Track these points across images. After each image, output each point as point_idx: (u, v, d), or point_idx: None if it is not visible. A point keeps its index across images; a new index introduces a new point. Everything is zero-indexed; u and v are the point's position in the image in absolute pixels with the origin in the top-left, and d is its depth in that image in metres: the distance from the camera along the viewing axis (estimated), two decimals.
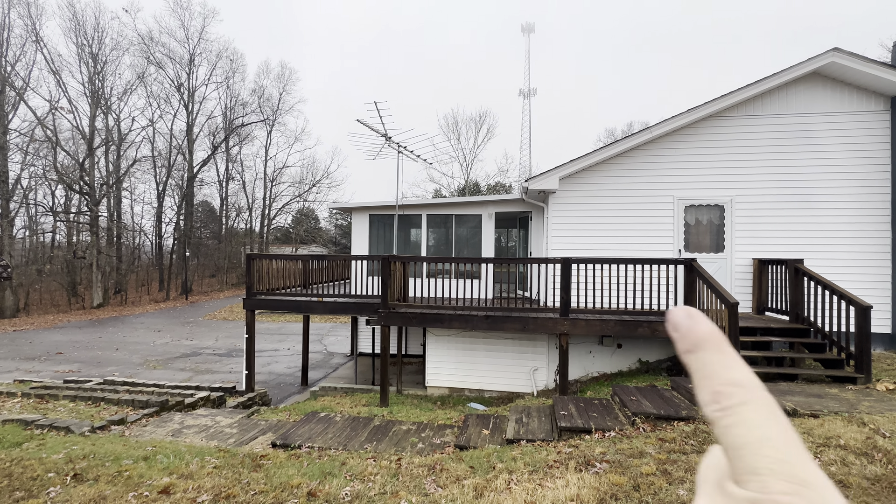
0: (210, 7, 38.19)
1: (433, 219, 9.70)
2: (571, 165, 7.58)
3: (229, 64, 37.65)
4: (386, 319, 7.18)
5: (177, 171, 37.67)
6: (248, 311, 9.05)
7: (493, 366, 8.16)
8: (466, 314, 6.99)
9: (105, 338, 17.91)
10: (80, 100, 29.96)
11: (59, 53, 29.26)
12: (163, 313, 25.67)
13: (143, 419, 6.28)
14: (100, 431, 5.63)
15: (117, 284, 32.94)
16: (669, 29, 77.04)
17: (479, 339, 8.16)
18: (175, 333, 18.82)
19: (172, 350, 15.58)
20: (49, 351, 15.25)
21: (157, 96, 34.98)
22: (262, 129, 43.24)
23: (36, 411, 6.54)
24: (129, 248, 37.14)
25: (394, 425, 5.76)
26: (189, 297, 32.55)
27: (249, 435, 5.72)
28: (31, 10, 27.13)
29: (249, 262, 8.94)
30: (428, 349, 8.38)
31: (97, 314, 25.78)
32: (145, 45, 33.12)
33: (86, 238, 31.98)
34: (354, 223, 10.09)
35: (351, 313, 8.54)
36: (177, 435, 5.73)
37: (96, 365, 13.41)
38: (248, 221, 46.83)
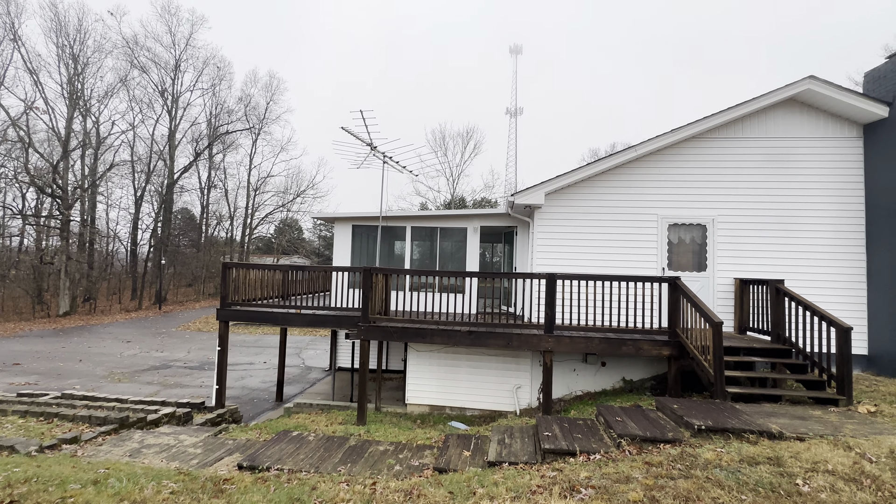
0: (199, 14, 37.98)
1: (418, 231, 9.55)
2: (557, 181, 7.57)
3: (216, 71, 37.34)
4: (366, 333, 6.93)
5: (156, 177, 36.74)
6: (222, 323, 8.66)
7: (475, 383, 7.95)
8: (449, 329, 6.80)
9: (69, 348, 16.99)
10: (58, 101, 29.15)
11: (38, 53, 28.55)
12: (134, 323, 24.63)
13: (99, 437, 5.84)
14: (49, 451, 5.19)
15: (87, 292, 31.55)
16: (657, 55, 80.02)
17: (462, 356, 7.96)
18: (145, 345, 18.00)
19: (140, 362, 14.84)
20: (5, 361, 14.34)
21: (140, 100, 34.32)
22: (248, 137, 42.76)
23: None
24: (101, 255, 35.80)
25: (370, 445, 5.48)
26: (163, 306, 31.40)
27: (214, 455, 5.35)
28: (9, 7, 26.47)
29: (225, 271, 8.60)
30: (409, 365, 8.13)
31: (63, 323, 24.56)
32: (130, 49, 32.59)
33: (55, 243, 30.69)
34: (337, 234, 9.86)
35: (330, 326, 8.26)
36: (135, 455, 5.32)
37: (56, 377, 12.64)
38: (229, 230, 45.86)
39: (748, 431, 4.20)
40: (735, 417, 4.51)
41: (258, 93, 41.72)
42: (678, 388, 6.29)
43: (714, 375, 5.25)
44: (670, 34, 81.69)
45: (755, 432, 4.18)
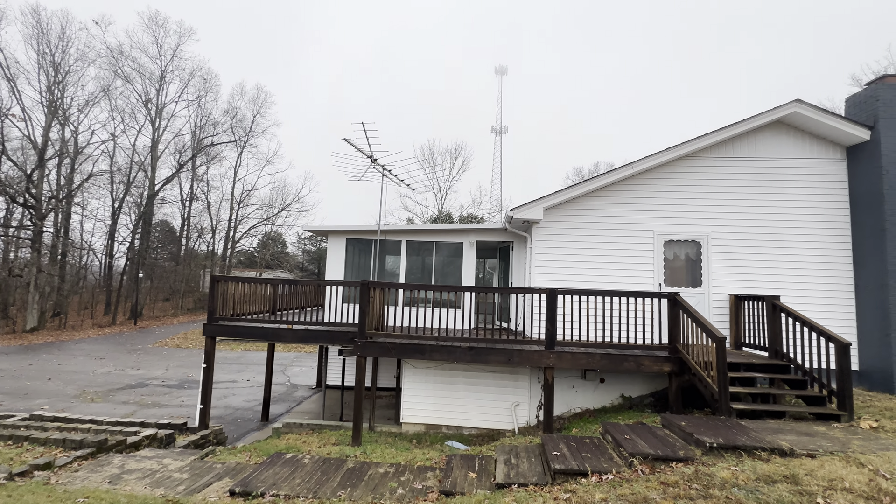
0: (187, 26, 37.66)
1: (413, 246, 9.44)
2: (556, 196, 7.62)
3: (203, 83, 37.02)
4: (363, 350, 6.72)
5: (136, 189, 35.81)
6: (209, 339, 8.31)
7: (472, 401, 7.77)
8: (448, 345, 6.66)
9: (36, 366, 16.06)
10: (35, 109, 28.30)
11: (17, 60, 27.79)
12: (107, 339, 23.55)
13: (74, 462, 5.43)
14: (19, 478, 4.79)
15: (57, 306, 30.11)
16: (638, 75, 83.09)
17: (459, 373, 7.79)
18: (119, 362, 17.16)
19: (115, 380, 14.10)
20: None
21: (122, 110, 33.61)
22: (233, 149, 42.22)
23: None
24: (74, 268, 34.33)
25: (370, 468, 5.24)
26: (139, 321, 30.19)
27: (203, 481, 5.03)
28: None
29: (213, 285, 8.29)
30: (404, 383, 7.91)
31: (30, 339, 23.30)
32: (114, 59, 32.09)
33: (25, 255, 29.36)
34: (330, 247, 9.66)
35: (322, 342, 8.00)
36: (115, 481, 4.95)
37: (22, 397, 11.88)
38: (211, 243, 44.78)
39: (759, 448, 4.16)
40: (744, 434, 4.48)
41: (245, 105, 41.40)
42: (679, 404, 6.26)
43: (718, 392, 5.23)
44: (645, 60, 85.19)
45: (766, 449, 4.14)
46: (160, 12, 33.71)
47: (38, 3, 27.33)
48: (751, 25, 77.22)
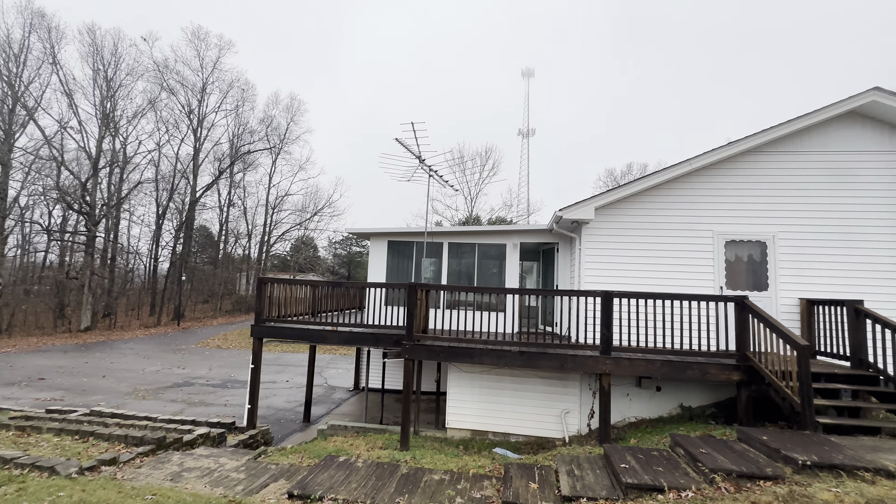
0: (227, 39, 39.35)
1: (454, 248, 9.32)
2: (608, 195, 7.32)
3: (241, 93, 38.46)
4: (411, 352, 6.62)
5: (178, 195, 37.53)
6: (256, 339, 8.44)
7: (519, 407, 7.54)
8: (498, 349, 6.47)
9: (91, 363, 16.92)
10: (90, 122, 30.12)
11: (74, 77, 29.69)
12: (153, 339, 24.62)
13: (137, 458, 5.56)
14: (89, 473, 4.92)
15: (107, 308, 31.83)
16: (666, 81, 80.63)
17: (506, 378, 7.57)
18: (166, 361, 17.86)
19: (163, 379, 14.65)
20: (30, 376, 14.28)
21: (167, 121, 35.35)
22: (268, 157, 43.65)
23: (16, 446, 5.81)
24: (122, 271, 36.25)
25: (424, 474, 5.11)
26: (181, 322, 31.45)
27: (260, 481, 5.03)
28: (51, 34, 27.73)
29: (260, 287, 8.43)
30: (449, 387, 7.76)
31: (84, 338, 24.66)
32: (160, 73, 33.79)
33: (79, 259, 31.19)
34: (372, 249, 9.67)
35: (366, 344, 7.97)
36: (176, 479, 5.02)
37: (81, 393, 12.49)
38: (247, 248, 46.34)
39: (860, 469, 3.75)
40: (839, 452, 4.07)
41: (279, 114, 42.73)
42: (750, 416, 5.83)
43: (801, 404, 4.81)
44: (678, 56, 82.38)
45: (869, 469, 3.74)
46: (202, 27, 35.41)
47: (93, 22, 29.12)
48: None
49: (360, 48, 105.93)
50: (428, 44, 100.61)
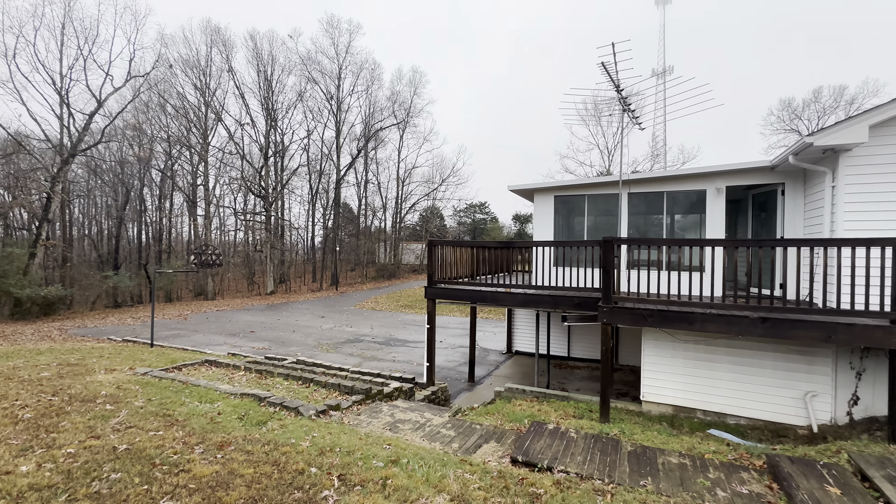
0: (355, 23, 41.62)
1: (637, 200, 8.05)
2: (889, 109, 5.24)
3: (370, 73, 40.56)
4: (609, 317, 5.85)
5: (324, 176, 42.21)
6: (430, 301, 8.62)
7: (741, 384, 6.24)
8: (728, 314, 5.26)
9: (282, 321, 20.24)
10: (258, 118, 35.26)
11: (241, 82, 34.83)
12: (320, 301, 28.52)
13: (353, 406, 6.04)
14: (322, 416, 5.44)
15: (281, 275, 38.10)
16: None
17: (721, 349, 6.31)
18: (335, 320, 20.40)
19: (337, 335, 16.68)
20: (244, 329, 17.64)
21: (312, 110, 39.43)
22: (396, 132, 45.95)
23: (259, 386, 6.84)
24: (289, 245, 42.78)
25: (656, 455, 4.40)
26: (338, 288, 35.89)
27: (472, 441, 4.95)
28: (225, 46, 32.70)
29: (431, 249, 8.49)
30: (645, 356, 6.82)
31: (271, 300, 29.84)
32: (304, 65, 37.53)
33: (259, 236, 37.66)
34: (537, 207, 8.99)
35: (544, 307, 7.45)
36: (394, 429, 5.25)
37: (281, 344, 14.89)
38: (382, 220, 50.38)
39: None
40: None
41: (404, 89, 44.15)
42: None
43: None
44: None
45: None
46: (334, 15, 37.77)
47: (253, 28, 33.32)
48: None
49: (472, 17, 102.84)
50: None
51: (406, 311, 23.70)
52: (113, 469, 3.26)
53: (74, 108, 25.98)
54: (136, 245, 37.14)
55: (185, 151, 35.41)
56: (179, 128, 33.47)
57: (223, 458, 3.54)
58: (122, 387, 5.99)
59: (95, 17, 31.49)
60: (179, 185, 37.01)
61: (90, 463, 3.36)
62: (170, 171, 35.74)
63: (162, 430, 4.24)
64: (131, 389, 5.87)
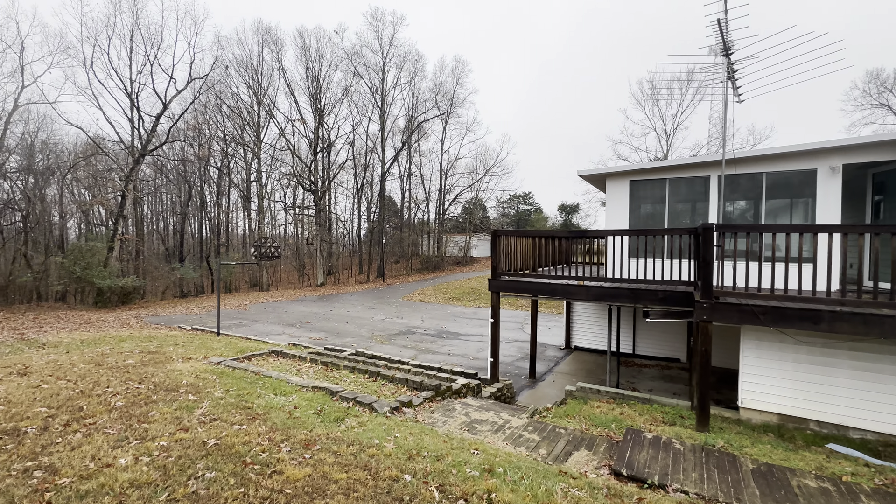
0: (399, 14, 41.60)
1: (731, 182, 7.18)
2: None
3: (414, 65, 40.39)
4: (711, 314, 5.20)
5: (369, 170, 42.79)
6: (494, 294, 8.24)
7: (866, 392, 5.38)
8: (865, 313, 4.48)
9: (334, 311, 20.67)
10: (307, 114, 36.16)
11: (291, 80, 35.79)
12: (368, 293, 28.99)
13: (425, 403, 5.81)
14: (396, 413, 5.24)
15: (329, 268, 39.19)
16: None
17: (842, 351, 5.47)
18: (385, 312, 20.56)
19: (389, 327, 16.74)
20: (300, 320, 18.15)
21: (357, 104, 39.92)
22: (439, 123, 45.64)
23: (327, 379, 6.78)
24: (338, 237, 43.89)
25: (787, 475, 3.79)
26: (385, 280, 36.39)
27: (560, 447, 4.54)
28: (276, 45, 33.65)
29: (496, 240, 8.08)
30: (745, 357, 6.07)
31: (321, 291, 30.71)
32: (349, 60, 37.97)
33: (309, 229, 38.86)
34: (610, 193, 8.33)
35: (622, 301, 6.85)
36: (472, 430, 4.95)
37: (336, 335, 15.13)
38: (426, 212, 50.48)
39: None
40: None
41: (447, 79, 43.69)
42: None
43: None
44: None
45: None
46: (378, 8, 37.81)
47: (302, 25, 34.03)
48: None
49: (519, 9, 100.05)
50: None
51: (454, 304, 23.51)
52: (206, 467, 3.17)
53: (143, 111, 27.75)
54: (197, 239, 39.52)
55: (240, 149, 37.04)
56: (234, 127, 34.99)
57: (312, 460, 3.37)
58: (201, 376, 6.10)
59: (160, 24, 33.36)
60: (235, 181, 38.87)
61: (184, 459, 3.29)
62: (226, 168, 37.56)
63: (245, 424, 4.16)
64: (209, 379, 5.96)
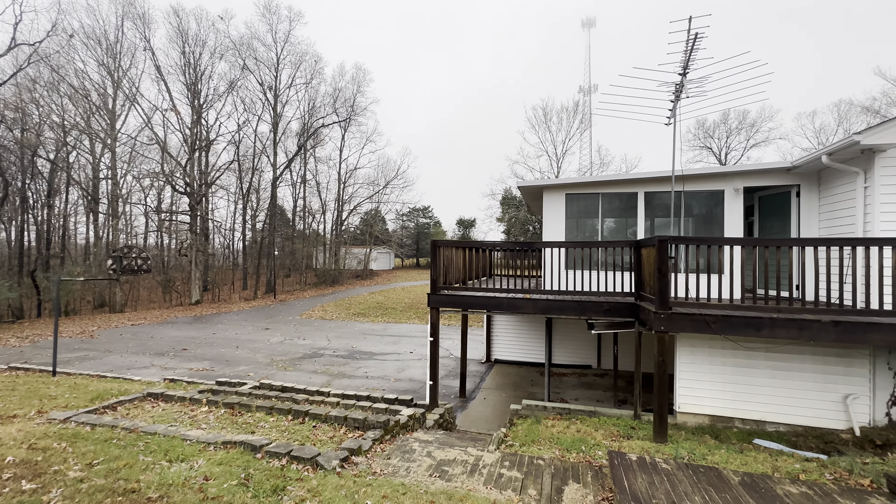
0: (296, 10, 38.93)
1: (653, 199, 7.71)
2: None
3: (312, 65, 38.00)
4: (668, 324, 5.28)
5: (257, 173, 38.65)
6: (433, 310, 7.54)
7: (780, 389, 6.03)
8: (799, 318, 4.93)
9: (218, 335, 17.56)
10: (182, 106, 31.11)
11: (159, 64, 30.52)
12: (258, 311, 25.60)
13: (375, 447, 4.80)
14: (346, 466, 4.16)
15: (208, 282, 33.91)
16: None
17: (760, 354, 6.06)
18: (283, 332, 18.18)
19: (291, 350, 14.72)
20: (173, 347, 14.91)
21: (245, 101, 35.87)
22: (337, 131, 43.57)
23: (237, 427, 5.28)
24: (217, 248, 38.36)
25: (769, 484, 3.82)
26: (276, 296, 32.74)
27: (546, 483, 4.01)
28: (142, 20, 28.42)
29: (435, 250, 7.44)
30: (679, 363, 6.39)
31: (197, 311, 26.18)
32: (237, 51, 33.99)
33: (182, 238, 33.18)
34: (546, 205, 8.33)
35: (569, 314, 6.75)
36: (443, 476, 4.14)
37: (225, 363, 12.69)
38: (322, 222, 47.43)
39: None
40: None
41: (346, 86, 42.02)
42: None
43: None
44: None
45: None
46: (273, 0, 34.78)
47: (178, 3, 29.47)
48: None
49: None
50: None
51: (360, 320, 22.00)
52: None
53: None
54: (16, 248, 30.72)
55: (85, 139, 30.13)
56: (79, 111, 28.37)
57: None
58: (38, 445, 4.16)
59: None
60: (76, 178, 31.41)
61: None
62: (63, 161, 30.15)
63: None
64: (54, 449, 4.08)
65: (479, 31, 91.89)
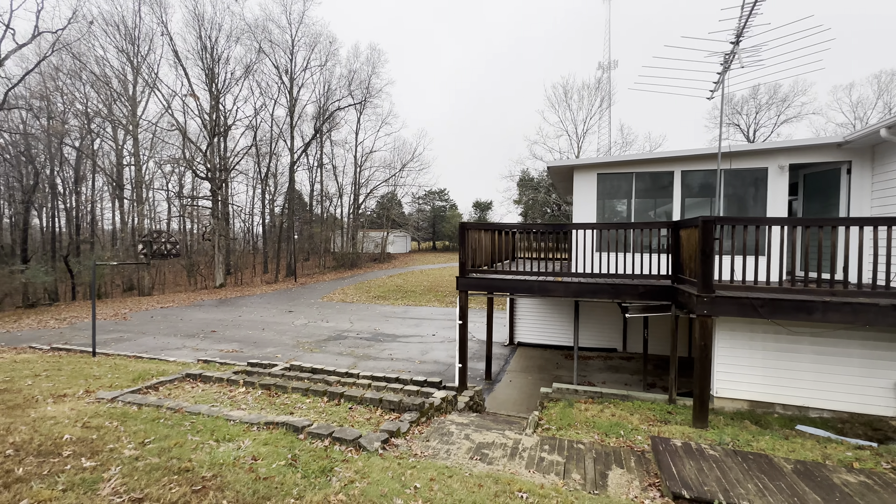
0: None
1: (690, 178, 7.40)
2: None
3: (327, 47, 37.54)
4: (711, 307, 5.10)
5: (274, 158, 38.85)
6: (462, 293, 7.49)
7: (825, 374, 5.82)
8: (855, 302, 4.70)
9: (244, 317, 17.98)
10: (199, 91, 31.23)
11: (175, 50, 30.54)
12: (280, 294, 26.08)
13: (413, 429, 4.83)
14: (388, 448, 4.19)
15: (232, 266, 34.64)
16: None
17: (805, 338, 5.84)
18: (307, 315, 18.50)
19: (315, 332, 14.98)
20: (202, 329, 15.33)
21: (261, 85, 35.81)
22: (353, 113, 43.24)
23: (276, 408, 5.38)
24: (238, 232, 39.02)
25: (825, 473, 3.69)
26: (297, 279, 33.28)
27: (589, 468, 3.97)
28: (159, 3, 28.39)
29: (463, 233, 7.33)
30: (718, 347, 6.22)
31: (222, 294, 26.82)
32: (252, 34, 33.76)
33: (205, 223, 33.83)
34: (577, 186, 8.10)
35: (602, 297, 6.61)
36: (483, 459, 4.14)
37: (253, 345, 12.99)
38: (339, 206, 47.63)
39: None
40: None
41: (361, 67, 41.63)
42: None
43: None
44: None
45: None
46: None
47: None
48: None
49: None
50: None
51: (381, 303, 22.22)
52: None
53: None
54: (48, 234, 31.83)
55: (108, 126, 30.66)
56: (101, 98, 28.78)
57: None
58: (91, 424, 4.31)
59: None
60: (101, 165, 32.14)
61: None
62: (88, 149, 30.81)
63: (194, 502, 2.81)
64: (107, 427, 4.22)
65: (497, 8, 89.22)
